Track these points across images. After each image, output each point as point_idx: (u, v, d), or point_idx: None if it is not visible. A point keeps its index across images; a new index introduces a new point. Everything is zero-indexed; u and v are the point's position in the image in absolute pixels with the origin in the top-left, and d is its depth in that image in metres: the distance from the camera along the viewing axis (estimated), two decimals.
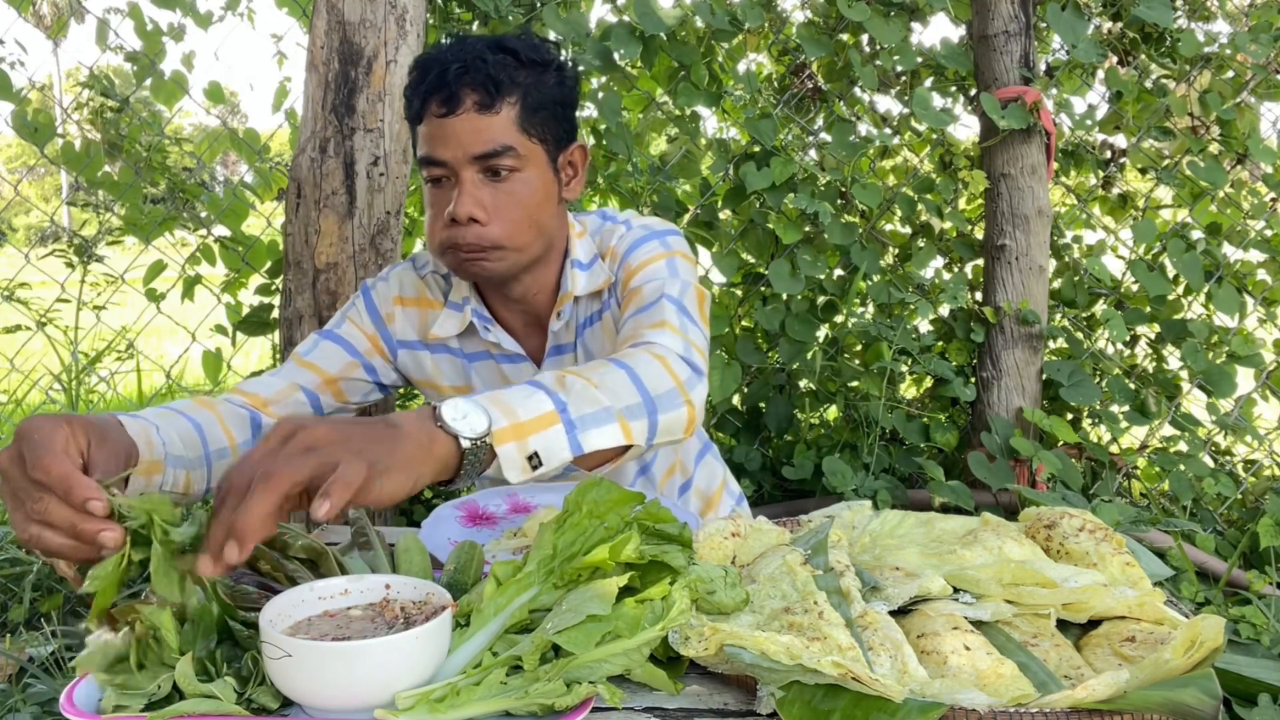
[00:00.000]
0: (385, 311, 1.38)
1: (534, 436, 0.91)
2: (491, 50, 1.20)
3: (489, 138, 1.18)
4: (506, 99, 1.19)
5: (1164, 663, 0.72)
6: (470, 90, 1.17)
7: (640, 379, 1.04)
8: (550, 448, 0.92)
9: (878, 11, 2.29)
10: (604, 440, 0.96)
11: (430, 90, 1.19)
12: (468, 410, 0.88)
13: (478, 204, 1.19)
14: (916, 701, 0.73)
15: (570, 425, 0.93)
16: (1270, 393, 2.47)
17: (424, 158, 1.22)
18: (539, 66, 1.23)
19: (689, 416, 1.07)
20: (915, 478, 2.40)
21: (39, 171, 16.70)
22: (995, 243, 2.32)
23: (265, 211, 2.64)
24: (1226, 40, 2.43)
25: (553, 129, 1.25)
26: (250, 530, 0.72)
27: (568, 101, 1.28)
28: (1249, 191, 2.58)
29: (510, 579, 0.82)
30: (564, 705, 0.73)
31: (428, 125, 1.21)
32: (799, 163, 2.29)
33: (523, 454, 0.90)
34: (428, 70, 1.20)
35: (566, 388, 0.97)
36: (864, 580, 0.94)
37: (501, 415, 0.89)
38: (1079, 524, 1.03)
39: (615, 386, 1.01)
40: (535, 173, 1.23)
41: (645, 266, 1.29)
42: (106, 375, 2.97)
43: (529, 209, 1.22)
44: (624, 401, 1.00)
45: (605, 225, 1.38)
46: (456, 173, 1.19)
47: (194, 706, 0.72)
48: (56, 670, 1.65)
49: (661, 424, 1.03)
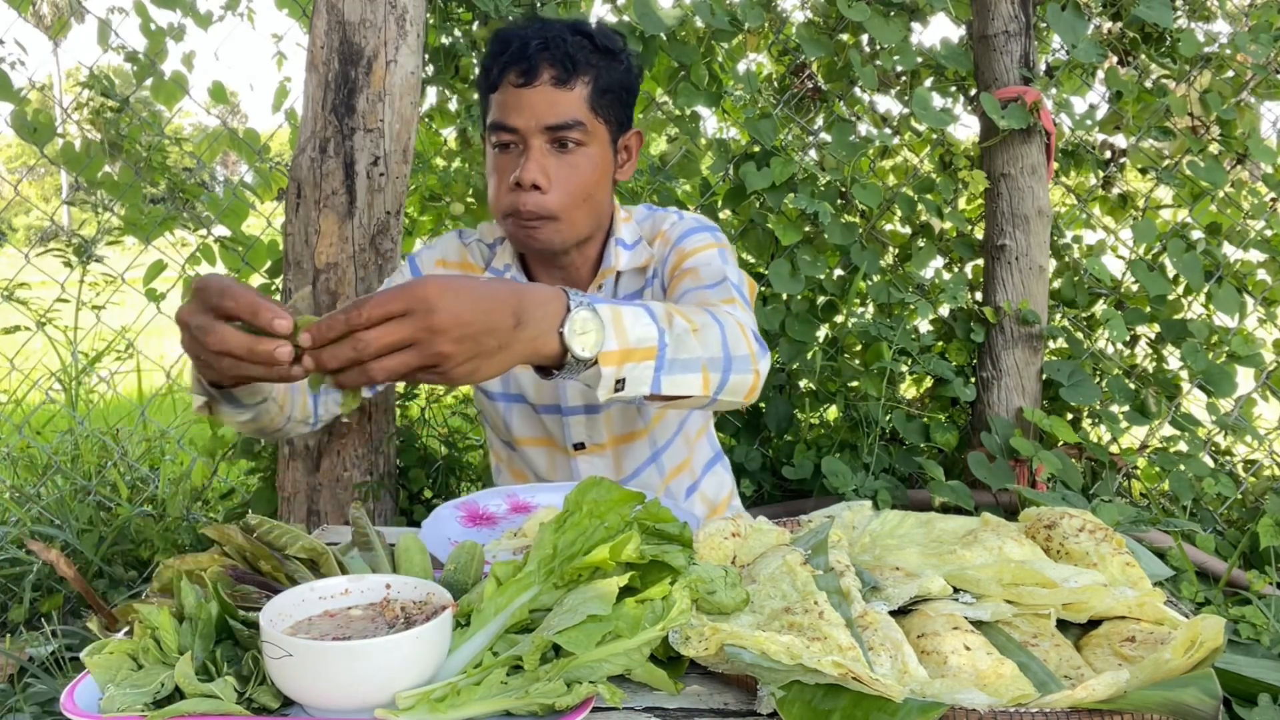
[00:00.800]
0: (427, 273, 1.43)
1: (629, 365, 1.00)
2: (570, 31, 1.29)
3: (562, 110, 1.27)
4: (581, 77, 1.28)
5: (1164, 663, 0.72)
6: (549, 65, 1.26)
7: (726, 337, 1.12)
8: (637, 380, 1.02)
9: (878, 11, 2.29)
10: (681, 388, 1.06)
11: (510, 61, 1.27)
12: (590, 328, 0.96)
13: (542, 171, 1.27)
14: (916, 701, 0.73)
15: (660, 366, 1.03)
16: (1270, 393, 2.47)
17: (496, 123, 1.29)
18: (610, 53, 1.32)
19: (753, 384, 1.17)
20: (915, 478, 2.40)
21: (39, 171, 16.69)
22: (995, 243, 2.32)
23: (265, 211, 2.64)
24: (1226, 40, 2.42)
25: (616, 112, 1.34)
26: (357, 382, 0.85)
27: (631, 89, 1.37)
28: (1249, 191, 2.58)
29: (510, 579, 0.82)
30: (564, 705, 0.73)
31: (503, 93, 1.28)
32: (799, 163, 2.29)
33: (614, 377, 1.00)
34: (508, 43, 1.28)
35: (672, 327, 1.05)
36: (864, 580, 0.94)
37: (614, 339, 0.98)
38: (1079, 524, 1.03)
39: (707, 337, 1.09)
40: (597, 150, 1.31)
41: (701, 252, 1.38)
42: (106, 375, 2.97)
43: (587, 184, 1.31)
44: (710, 353, 1.09)
45: (655, 214, 1.48)
46: (526, 140, 1.27)
47: (195, 706, 0.72)
48: (57, 670, 1.65)
49: (731, 382, 1.13)
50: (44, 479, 2.52)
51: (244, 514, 1.60)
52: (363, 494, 1.94)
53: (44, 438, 2.86)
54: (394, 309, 0.84)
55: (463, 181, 2.53)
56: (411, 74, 1.91)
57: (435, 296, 0.85)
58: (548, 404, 1.46)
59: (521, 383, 1.47)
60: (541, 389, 1.46)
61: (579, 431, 1.46)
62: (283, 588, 0.86)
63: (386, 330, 0.84)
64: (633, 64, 1.37)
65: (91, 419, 2.93)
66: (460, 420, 2.59)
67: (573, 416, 1.45)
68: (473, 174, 2.54)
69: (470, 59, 2.38)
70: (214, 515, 2.47)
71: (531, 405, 1.48)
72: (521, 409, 1.49)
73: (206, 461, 2.47)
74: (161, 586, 0.88)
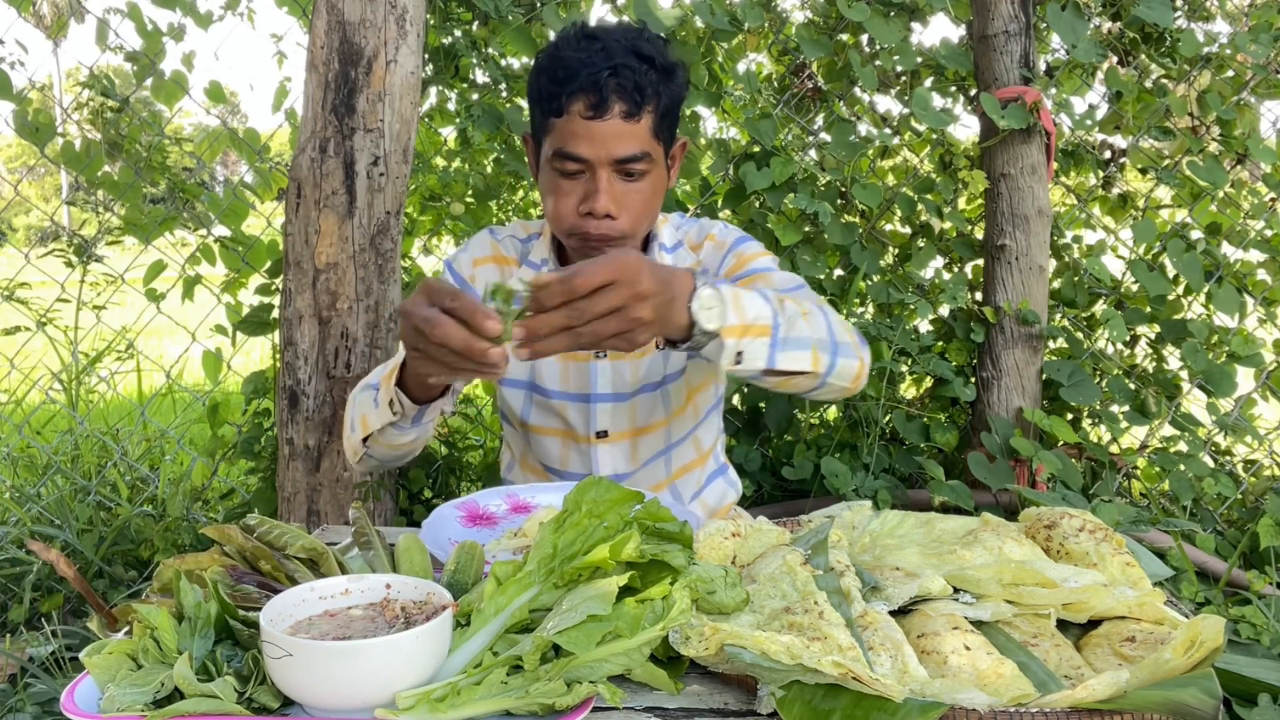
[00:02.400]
0: (467, 274, 1.51)
1: (747, 339, 1.10)
2: (635, 56, 1.29)
3: (630, 144, 1.30)
4: (647, 108, 1.31)
5: (1164, 663, 0.72)
6: (619, 99, 1.28)
7: (832, 326, 1.22)
8: (754, 354, 1.11)
9: (878, 12, 2.29)
10: (794, 363, 1.15)
11: (579, 91, 1.28)
12: (713, 304, 1.07)
13: (613, 200, 1.31)
14: (917, 701, 0.73)
15: (774, 344, 1.12)
16: (1270, 393, 2.47)
17: (564, 152, 1.31)
18: (669, 72, 1.33)
19: (858, 370, 1.25)
20: (915, 478, 2.40)
21: (39, 171, 16.69)
22: (995, 243, 2.32)
23: (265, 211, 2.64)
24: (1226, 40, 2.42)
25: (669, 128, 1.37)
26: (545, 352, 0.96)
27: (682, 100, 1.39)
28: (1249, 191, 2.58)
29: (510, 579, 0.82)
30: (564, 705, 0.73)
31: (570, 122, 1.29)
32: (799, 163, 2.29)
33: (735, 350, 1.09)
34: (575, 70, 1.28)
35: (784, 310, 1.15)
36: (864, 580, 0.94)
37: (734, 315, 1.08)
38: (1079, 524, 1.03)
39: (816, 322, 1.19)
40: (658, 171, 1.36)
41: (760, 257, 1.45)
42: (106, 375, 2.97)
43: (651, 204, 1.36)
44: (819, 335, 1.18)
45: (697, 221, 1.54)
46: (594, 170, 1.30)
47: (195, 706, 0.72)
48: (57, 670, 1.65)
49: (840, 365, 1.21)
50: (44, 479, 2.52)
51: (244, 514, 1.60)
52: (363, 494, 1.94)
53: (44, 438, 2.86)
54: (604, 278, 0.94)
55: (462, 181, 2.53)
56: (411, 74, 1.91)
57: (638, 267, 0.97)
58: (575, 392, 1.49)
59: (542, 372, 1.49)
60: (569, 377, 1.49)
61: (604, 419, 1.49)
62: (283, 588, 0.86)
63: (599, 299, 0.94)
64: (685, 74, 1.39)
65: (91, 419, 2.93)
66: (460, 420, 2.59)
67: (601, 404, 1.49)
68: (472, 174, 2.54)
69: (470, 59, 2.38)
70: (214, 515, 2.47)
71: (548, 394, 1.50)
72: (537, 397, 1.52)
73: (206, 461, 2.47)
74: (161, 586, 0.88)
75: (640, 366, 1.47)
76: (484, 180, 2.54)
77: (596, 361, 1.47)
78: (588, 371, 1.47)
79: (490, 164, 2.63)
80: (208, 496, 2.55)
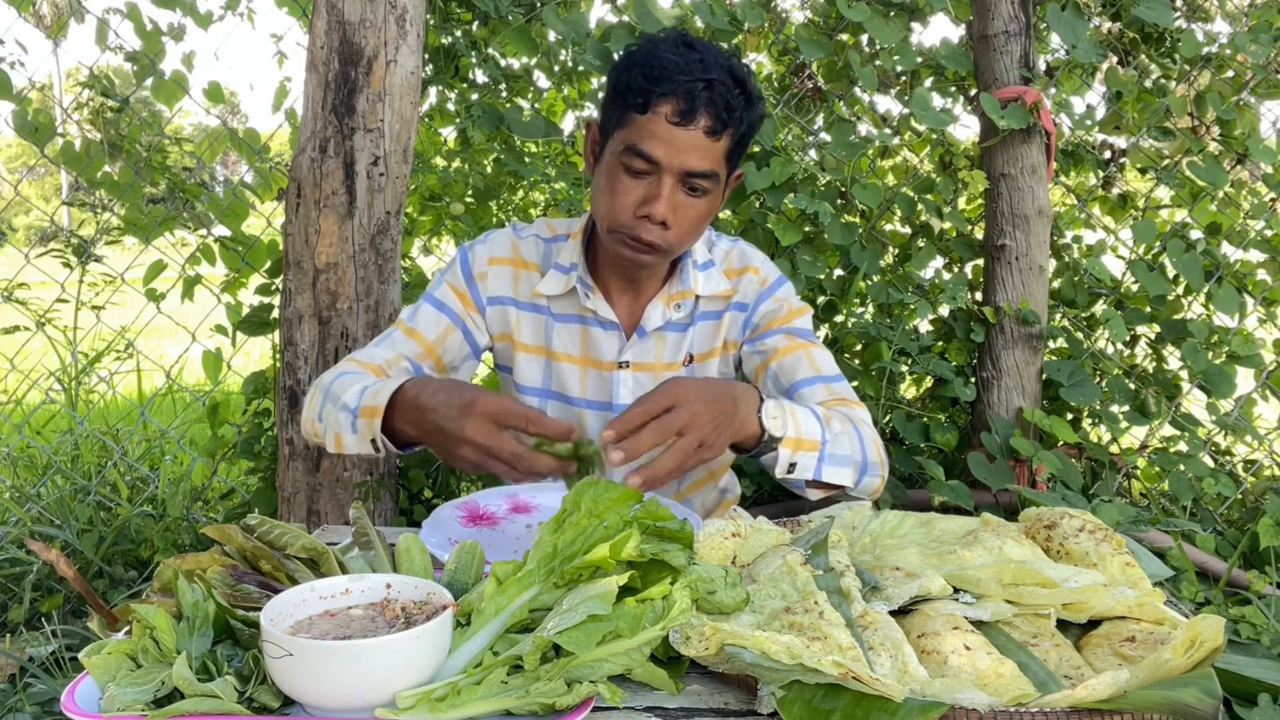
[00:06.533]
0: (479, 271, 1.49)
1: (800, 453, 1.24)
2: (730, 76, 1.29)
3: (705, 160, 1.30)
4: (729, 130, 1.30)
5: (1164, 663, 0.72)
6: (707, 113, 1.27)
7: (865, 445, 1.32)
8: (804, 466, 1.25)
9: (878, 12, 2.29)
10: (835, 478, 1.28)
11: (670, 94, 1.27)
12: (777, 414, 1.22)
13: (673, 209, 1.31)
14: (917, 701, 0.73)
15: (821, 458, 1.26)
16: (1270, 393, 2.47)
17: (637, 149, 1.29)
18: (754, 101, 1.33)
19: (878, 487, 1.36)
20: (915, 478, 2.40)
21: (39, 171, 16.70)
22: (995, 243, 2.32)
23: (265, 211, 2.64)
24: (1226, 40, 2.42)
25: (738, 156, 1.37)
26: (658, 482, 1.09)
27: (756, 133, 1.39)
28: (1249, 191, 2.58)
29: (510, 578, 0.82)
30: (565, 705, 0.73)
31: (653, 122, 1.28)
32: (799, 163, 2.29)
33: (789, 460, 1.23)
34: (669, 73, 1.27)
35: (830, 428, 1.28)
36: (864, 580, 0.94)
37: (793, 427, 1.23)
38: (1079, 524, 1.03)
39: (853, 442, 1.30)
40: (716, 194, 1.36)
41: (802, 316, 1.50)
42: (106, 375, 2.97)
43: (700, 225, 1.36)
44: (856, 456, 1.30)
45: (736, 245, 1.55)
46: (661, 175, 1.29)
47: (195, 705, 0.72)
48: (57, 670, 1.65)
49: (864, 482, 1.32)
50: (44, 479, 2.52)
51: (244, 514, 1.60)
52: (363, 494, 1.94)
53: (44, 438, 2.86)
54: (659, 406, 1.09)
55: (462, 182, 2.53)
56: (411, 74, 1.91)
57: (686, 392, 1.11)
58: (596, 400, 1.49)
59: (564, 379, 1.49)
60: (588, 386, 1.49)
61: None
62: (283, 587, 0.86)
63: (654, 428, 1.08)
64: (764, 109, 1.39)
65: (91, 419, 2.93)
66: None
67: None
68: (472, 174, 2.54)
69: (470, 59, 2.38)
70: (214, 515, 2.47)
71: (570, 401, 1.50)
72: (556, 405, 1.52)
73: (206, 461, 2.47)
74: (162, 586, 0.88)
75: (664, 379, 1.47)
76: (484, 180, 2.54)
77: (620, 371, 1.47)
78: (610, 380, 1.47)
79: (490, 164, 2.63)
80: (208, 496, 2.55)
